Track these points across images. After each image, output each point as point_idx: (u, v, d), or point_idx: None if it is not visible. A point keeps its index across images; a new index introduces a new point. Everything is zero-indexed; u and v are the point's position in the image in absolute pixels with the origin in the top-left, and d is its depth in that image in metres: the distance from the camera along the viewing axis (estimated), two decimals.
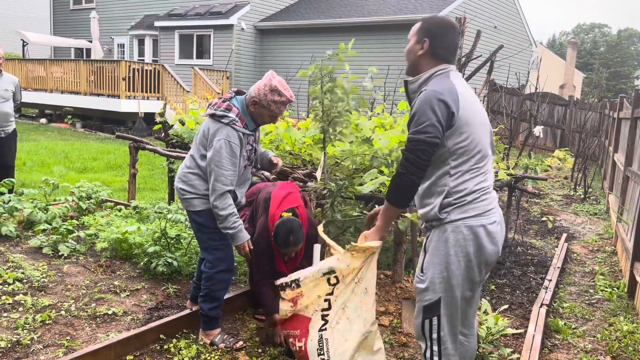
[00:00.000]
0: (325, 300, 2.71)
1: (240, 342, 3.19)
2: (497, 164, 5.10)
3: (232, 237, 3.05)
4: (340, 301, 2.69)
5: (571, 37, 51.31)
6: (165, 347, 3.11)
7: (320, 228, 3.00)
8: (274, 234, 3.16)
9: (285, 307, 2.79)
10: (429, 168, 2.21)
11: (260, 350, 3.19)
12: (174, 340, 3.18)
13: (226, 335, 3.22)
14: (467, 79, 9.88)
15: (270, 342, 3.25)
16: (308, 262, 3.27)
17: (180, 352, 3.07)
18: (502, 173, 4.89)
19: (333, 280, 2.67)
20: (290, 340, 2.86)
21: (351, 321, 2.69)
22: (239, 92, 3.14)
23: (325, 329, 2.73)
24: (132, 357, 2.97)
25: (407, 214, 2.66)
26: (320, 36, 16.63)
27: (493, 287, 4.56)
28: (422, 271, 2.32)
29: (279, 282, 2.83)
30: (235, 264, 4.36)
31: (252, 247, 3.15)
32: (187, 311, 3.41)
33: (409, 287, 4.00)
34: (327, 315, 2.73)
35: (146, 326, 3.19)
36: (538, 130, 6.80)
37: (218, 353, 3.09)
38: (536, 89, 8.72)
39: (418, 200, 2.39)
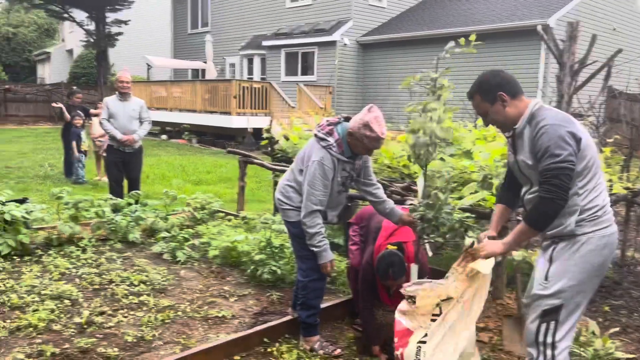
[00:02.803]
0: (432, 320, 2.83)
1: (339, 350, 3.32)
2: (611, 176, 4.78)
3: (316, 255, 3.16)
4: (445, 320, 2.80)
5: None
6: (269, 350, 3.32)
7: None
8: (376, 265, 3.24)
9: (398, 316, 2.94)
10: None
11: (357, 359, 3.29)
12: (277, 344, 3.38)
13: (325, 342, 3.36)
14: (581, 87, 9.27)
15: (367, 352, 3.34)
16: None
17: (282, 355, 3.26)
18: (617, 186, 4.58)
19: (443, 305, 2.80)
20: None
21: (450, 338, 2.76)
22: (347, 119, 3.22)
23: (425, 342, 2.82)
24: (238, 358, 3.21)
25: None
26: (423, 48, 16.51)
27: (607, 308, 4.27)
28: (546, 279, 2.43)
29: (403, 289, 2.95)
30: (334, 274, 4.51)
31: (334, 268, 3.23)
32: (289, 317, 3.60)
33: (510, 304, 3.89)
34: (429, 329, 2.83)
35: (252, 330, 3.43)
36: None
37: (317, 359, 3.23)
38: None
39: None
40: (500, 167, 3.89)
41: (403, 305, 2.93)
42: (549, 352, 2.40)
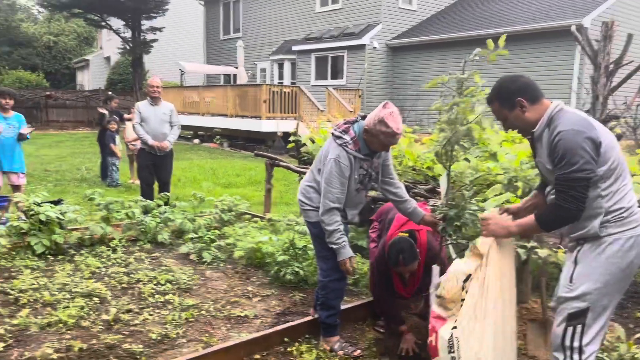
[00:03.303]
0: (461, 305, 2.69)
1: (358, 351, 3.32)
2: None
3: (336, 252, 3.17)
4: (469, 302, 2.65)
5: None
6: (289, 349, 3.35)
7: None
8: (387, 252, 3.25)
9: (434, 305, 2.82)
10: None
11: None
12: (297, 344, 3.41)
13: (345, 343, 3.37)
14: (617, 88, 8.99)
15: (389, 354, 3.34)
16: (427, 287, 3.30)
17: (302, 355, 3.28)
18: None
19: (466, 286, 2.66)
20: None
21: (481, 323, 2.61)
22: (364, 117, 3.25)
23: (456, 327, 2.66)
24: (259, 356, 3.25)
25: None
26: (454, 50, 16.33)
27: (639, 314, 4.15)
28: (571, 281, 2.41)
29: (431, 294, 2.86)
30: (357, 275, 4.53)
31: (354, 267, 3.22)
32: (309, 317, 3.63)
33: (535, 308, 3.82)
34: (459, 315, 2.68)
35: (272, 329, 3.47)
36: None
37: (336, 359, 3.25)
38: None
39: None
40: (527, 169, 3.82)
41: (435, 308, 2.81)
42: (575, 356, 2.35)
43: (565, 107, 2.43)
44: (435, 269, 3.26)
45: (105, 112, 10.32)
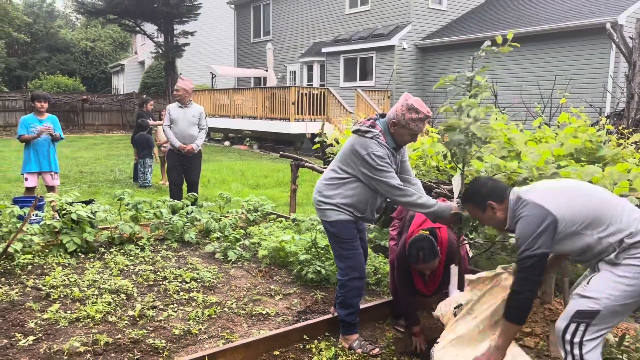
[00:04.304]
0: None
1: (377, 349, 3.33)
2: None
3: (434, 214, 3.10)
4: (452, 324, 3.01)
5: None
6: (308, 346, 3.38)
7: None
8: (407, 250, 3.26)
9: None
10: (569, 246, 2.46)
11: (395, 359, 3.29)
12: (316, 342, 3.44)
13: (364, 342, 3.38)
14: None
15: (407, 352, 3.34)
16: (447, 284, 3.30)
17: (321, 352, 3.31)
18: None
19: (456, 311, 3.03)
20: None
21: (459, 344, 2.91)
22: (382, 115, 3.31)
23: (438, 342, 3.00)
24: (278, 353, 3.29)
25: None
26: None
27: None
28: (588, 283, 2.43)
29: (435, 313, 3.15)
30: (379, 275, 4.53)
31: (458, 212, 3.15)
32: (329, 315, 3.65)
33: (560, 309, 3.75)
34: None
35: (292, 326, 3.51)
36: None
37: (354, 357, 3.26)
38: None
39: (574, 260, 2.65)
40: (547, 168, 3.76)
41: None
42: (576, 351, 2.37)
43: (520, 193, 2.58)
44: (454, 268, 3.26)
45: (153, 123, 10.35)
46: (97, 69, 40.17)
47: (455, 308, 3.01)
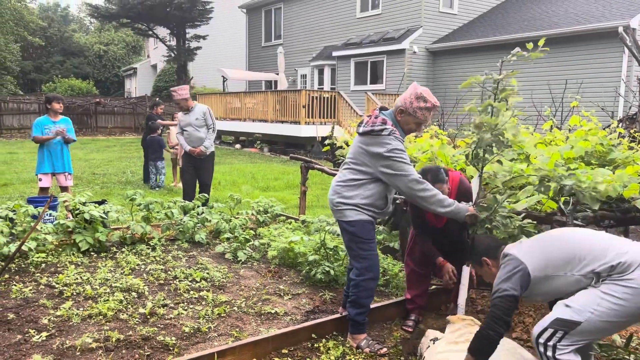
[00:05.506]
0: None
1: (385, 349, 3.34)
2: None
3: (454, 215, 3.18)
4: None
5: None
6: (316, 345, 3.41)
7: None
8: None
9: None
10: (549, 287, 2.55)
11: (402, 359, 3.31)
12: (324, 341, 3.46)
13: (372, 341, 3.39)
14: None
15: (415, 353, 3.34)
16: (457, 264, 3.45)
17: (329, 351, 3.33)
18: None
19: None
20: None
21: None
22: (382, 108, 3.35)
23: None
24: (286, 351, 3.32)
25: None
26: (495, 53, 16.07)
27: None
28: (574, 295, 2.47)
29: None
30: (387, 277, 4.54)
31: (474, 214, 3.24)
32: (337, 315, 3.67)
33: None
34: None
35: (300, 325, 3.54)
36: None
37: (362, 356, 3.28)
38: None
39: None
40: (560, 170, 3.76)
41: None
42: (549, 353, 2.41)
43: (507, 248, 2.75)
44: (465, 270, 3.28)
45: (162, 124, 10.50)
46: (110, 72, 40.61)
47: (431, 340, 3.13)
